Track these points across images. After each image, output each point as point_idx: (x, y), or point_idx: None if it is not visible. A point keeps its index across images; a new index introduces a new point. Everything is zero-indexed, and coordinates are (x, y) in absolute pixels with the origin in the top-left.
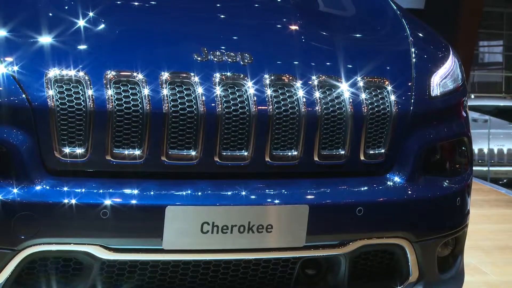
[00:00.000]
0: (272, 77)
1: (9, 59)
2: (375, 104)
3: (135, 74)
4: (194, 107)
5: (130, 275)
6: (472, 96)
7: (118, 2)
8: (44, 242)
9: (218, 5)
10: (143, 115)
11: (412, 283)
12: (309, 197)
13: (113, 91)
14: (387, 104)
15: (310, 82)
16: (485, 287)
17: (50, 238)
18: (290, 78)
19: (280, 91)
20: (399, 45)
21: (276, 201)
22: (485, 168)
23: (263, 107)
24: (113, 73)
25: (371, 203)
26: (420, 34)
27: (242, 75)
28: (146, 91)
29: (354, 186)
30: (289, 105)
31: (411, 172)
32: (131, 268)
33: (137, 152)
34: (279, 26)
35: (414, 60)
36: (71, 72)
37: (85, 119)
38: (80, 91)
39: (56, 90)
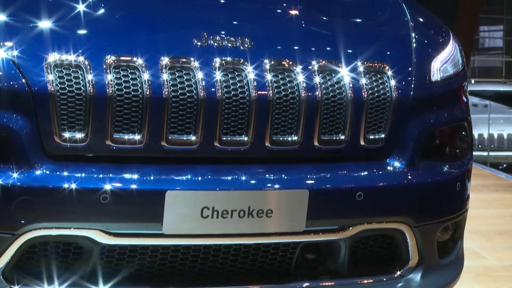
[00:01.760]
0: (272, 62)
1: (9, 44)
2: (375, 89)
3: (135, 59)
4: (194, 92)
5: (130, 260)
6: (472, 81)
7: None
8: (44, 227)
9: None
10: (143, 100)
11: (411, 268)
12: (309, 182)
13: (113, 76)
14: (387, 89)
15: (310, 67)
16: (484, 271)
17: (50, 223)
18: (290, 63)
19: (280, 76)
20: (399, 30)
21: (276, 186)
22: (485, 153)
23: (263, 92)
24: (113, 58)
25: (371, 188)
26: (421, 19)
27: (242, 60)
28: (146, 76)
29: (354, 171)
30: (289, 90)
31: (411, 157)
32: (131, 253)
33: (137, 137)
34: (279, 11)
35: (414, 45)
36: (71, 57)
37: (85, 104)
38: (80, 76)
39: (56, 75)
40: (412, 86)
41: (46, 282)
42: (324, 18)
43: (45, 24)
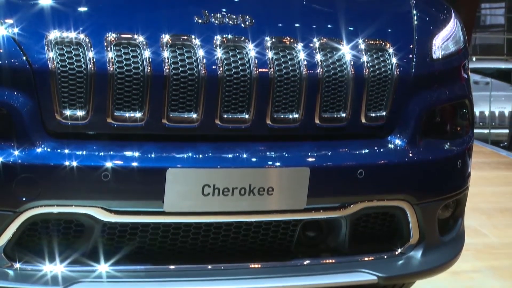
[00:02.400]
0: (273, 40)
1: (10, 21)
2: (376, 66)
3: (135, 36)
4: (195, 69)
5: (131, 238)
6: (474, 59)
7: None
8: (45, 204)
9: None
10: (143, 77)
11: (412, 245)
12: (310, 159)
13: (114, 53)
14: (388, 66)
15: (311, 45)
16: (485, 249)
17: (51, 200)
18: (291, 40)
19: (281, 54)
20: (401, 7)
21: (277, 164)
22: (486, 131)
23: (264, 70)
24: (114, 35)
25: (372, 166)
26: None
27: (243, 38)
28: (146, 54)
29: (355, 148)
30: (290, 68)
31: (412, 134)
32: (132, 231)
33: (138, 114)
34: None
35: (415, 22)
36: (72, 34)
37: (86, 81)
38: (81, 54)
39: (57, 52)
40: (413, 63)
41: (48, 259)
42: None
43: (45, 1)
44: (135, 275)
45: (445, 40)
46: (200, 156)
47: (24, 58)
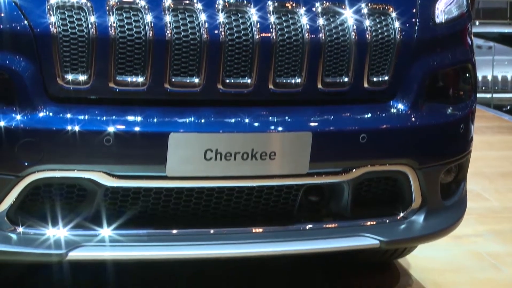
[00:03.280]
0: (276, 4)
1: None
2: (379, 31)
3: (137, 0)
4: (197, 34)
5: (134, 202)
6: (477, 23)
7: None
8: (47, 169)
9: None
10: (145, 42)
11: (414, 210)
12: (312, 124)
13: (116, 17)
14: (391, 31)
15: (314, 9)
16: (487, 213)
17: (53, 165)
18: (294, 4)
19: (283, 18)
20: None
21: (280, 128)
22: (489, 95)
23: (266, 34)
24: None
25: (374, 130)
26: None
27: (245, 2)
28: (148, 18)
29: (358, 113)
30: (293, 32)
31: (415, 99)
32: (135, 195)
33: (140, 79)
34: None
35: None
36: None
37: (88, 45)
38: (83, 18)
39: (58, 16)
40: (416, 27)
41: (50, 223)
42: None
43: None
44: (137, 239)
45: (448, 4)
46: (202, 120)
47: (25, 22)
